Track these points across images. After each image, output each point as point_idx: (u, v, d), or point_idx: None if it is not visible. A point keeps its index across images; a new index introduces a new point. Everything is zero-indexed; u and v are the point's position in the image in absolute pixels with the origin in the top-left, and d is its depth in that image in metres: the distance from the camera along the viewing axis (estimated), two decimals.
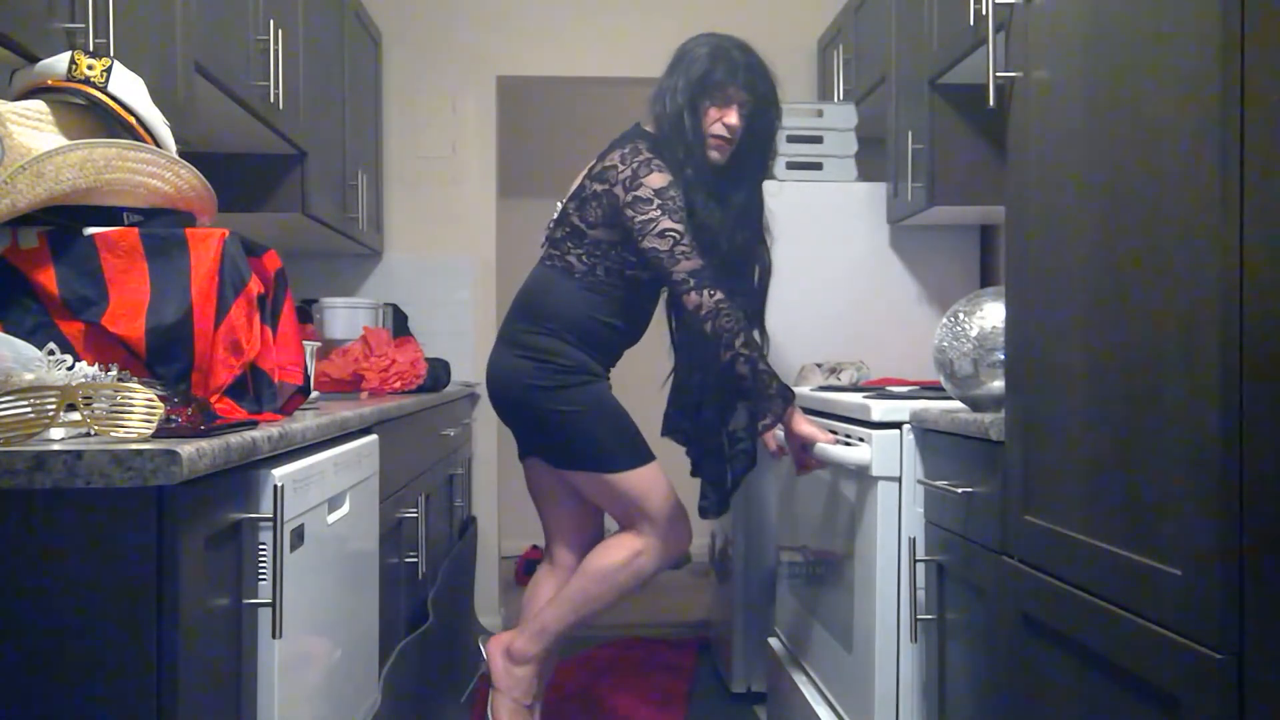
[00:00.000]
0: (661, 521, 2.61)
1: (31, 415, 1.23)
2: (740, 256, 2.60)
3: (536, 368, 2.56)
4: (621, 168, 2.51)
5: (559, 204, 2.68)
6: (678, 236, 2.43)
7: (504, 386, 2.63)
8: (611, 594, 2.65)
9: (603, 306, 2.58)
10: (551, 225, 2.67)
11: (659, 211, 2.45)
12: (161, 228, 1.57)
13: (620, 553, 2.64)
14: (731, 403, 2.59)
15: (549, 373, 2.55)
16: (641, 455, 2.60)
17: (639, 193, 2.47)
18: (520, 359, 2.58)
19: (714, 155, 2.56)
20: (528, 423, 2.64)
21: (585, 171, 2.63)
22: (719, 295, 2.40)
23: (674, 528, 2.62)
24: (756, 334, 2.68)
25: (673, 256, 2.43)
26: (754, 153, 2.63)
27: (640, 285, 2.60)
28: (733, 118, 2.54)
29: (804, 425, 2.45)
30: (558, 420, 2.57)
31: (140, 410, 1.27)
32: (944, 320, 2.07)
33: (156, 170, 1.59)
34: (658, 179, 2.47)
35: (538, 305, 2.62)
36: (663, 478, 2.62)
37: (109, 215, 1.57)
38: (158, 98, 1.69)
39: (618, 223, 2.51)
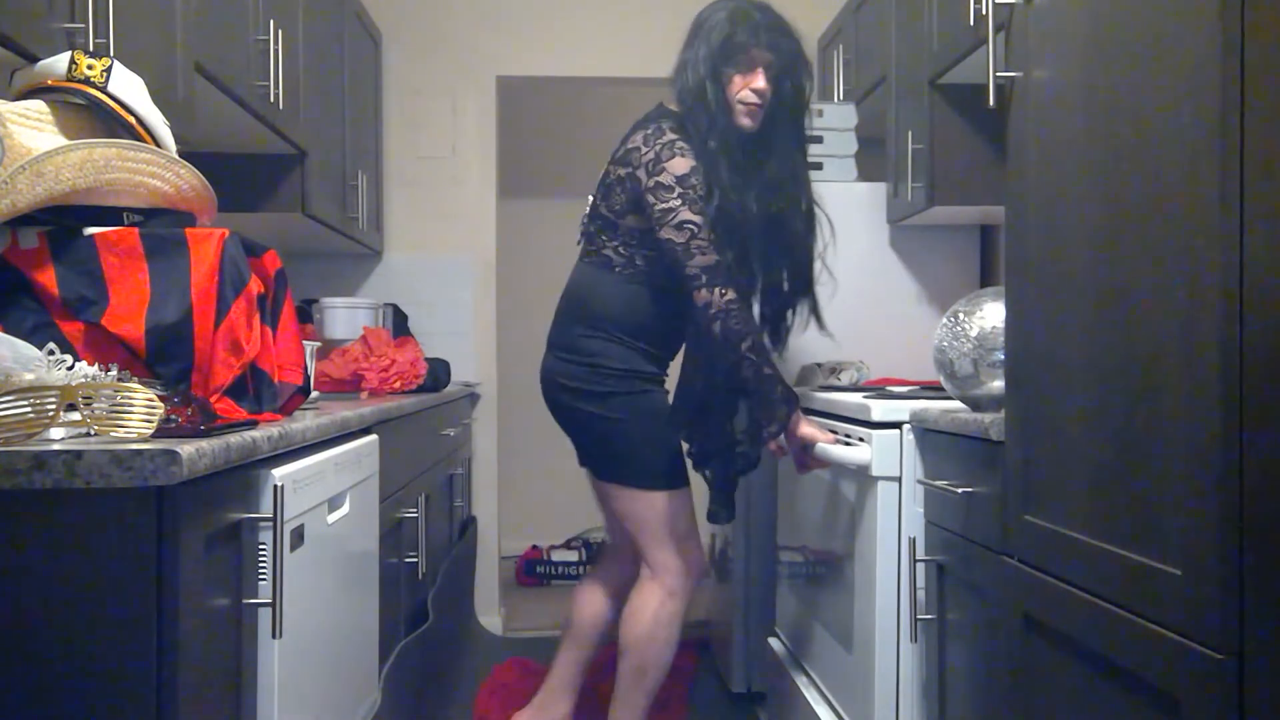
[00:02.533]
0: (668, 549, 2.55)
1: (31, 415, 1.23)
2: (776, 227, 2.51)
3: (575, 370, 2.53)
4: (644, 150, 2.43)
5: (590, 197, 2.63)
6: (695, 229, 2.37)
7: (547, 390, 2.61)
8: (663, 650, 2.58)
9: (649, 297, 2.52)
10: (585, 220, 2.62)
11: (679, 201, 2.38)
12: (161, 228, 1.57)
13: (646, 609, 2.58)
14: (735, 404, 2.57)
15: (598, 377, 2.51)
16: (668, 480, 2.54)
17: (661, 179, 2.40)
18: (561, 361, 2.57)
19: (745, 122, 2.48)
20: (569, 427, 2.62)
21: (610, 158, 2.57)
22: (730, 295, 2.35)
23: (681, 557, 2.56)
24: (794, 313, 2.60)
25: (688, 250, 2.36)
26: (785, 116, 2.53)
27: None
28: (759, 81, 2.46)
29: (805, 427, 2.43)
30: (596, 425, 2.54)
31: (140, 410, 1.27)
32: (944, 320, 2.07)
33: (156, 170, 1.59)
34: (681, 164, 2.40)
35: (584, 306, 2.55)
36: (686, 507, 2.57)
37: (109, 215, 1.57)
38: (158, 98, 1.69)
39: (643, 207, 2.45)
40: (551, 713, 2.79)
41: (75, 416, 1.27)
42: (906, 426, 2.22)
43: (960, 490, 1.94)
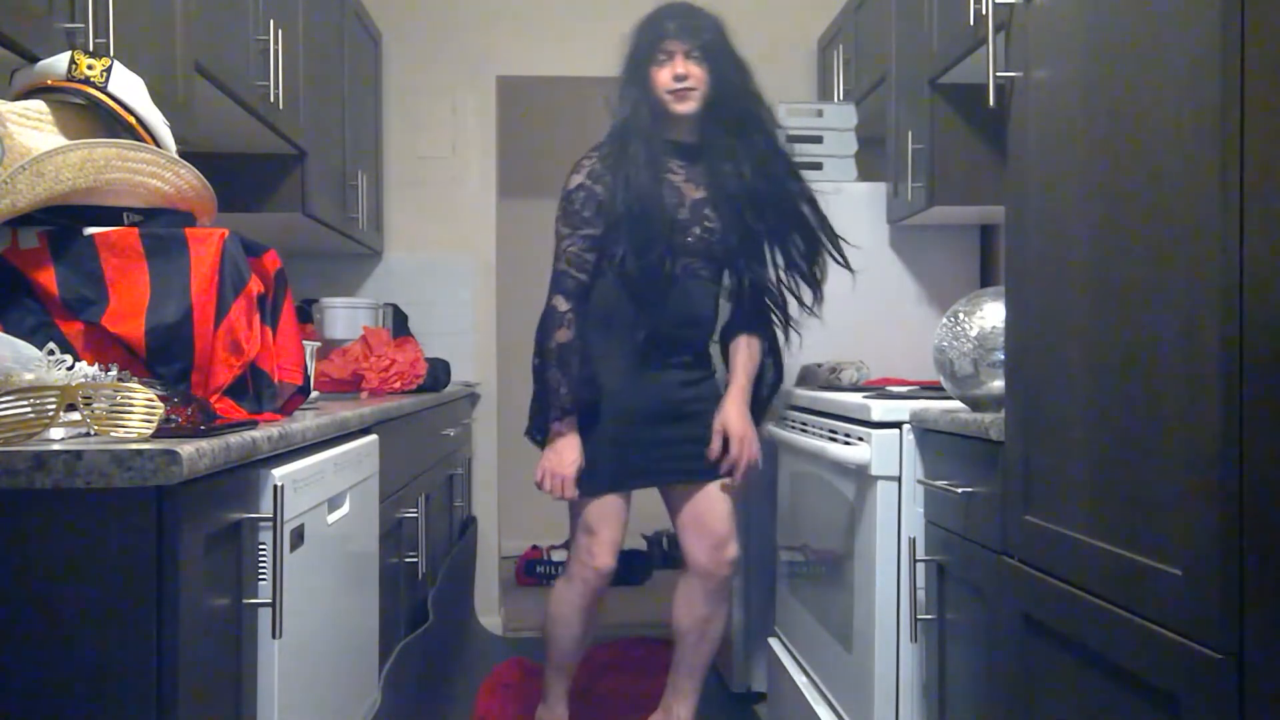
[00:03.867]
0: (575, 533, 2.72)
1: (31, 415, 1.23)
2: (741, 202, 2.65)
3: None
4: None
5: None
6: (558, 238, 2.63)
7: None
8: (556, 627, 2.77)
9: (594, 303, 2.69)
10: None
11: (560, 212, 2.64)
12: (161, 228, 1.57)
13: (556, 586, 2.81)
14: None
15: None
16: (584, 485, 2.66)
17: (562, 195, 2.67)
18: None
19: (680, 108, 2.62)
20: None
21: None
22: (552, 301, 2.59)
23: (580, 545, 2.70)
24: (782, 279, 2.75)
25: (555, 256, 2.63)
26: (726, 99, 2.65)
27: (625, 280, 2.63)
28: (680, 66, 2.59)
29: (553, 456, 2.61)
30: None
31: (140, 410, 1.27)
32: (944, 320, 2.07)
33: (156, 170, 1.58)
34: (573, 180, 2.64)
35: None
36: (598, 500, 2.66)
37: (109, 215, 1.57)
38: (158, 98, 1.69)
39: None
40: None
41: (75, 416, 1.27)
42: (906, 426, 2.22)
43: (960, 490, 1.94)
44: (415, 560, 2.77)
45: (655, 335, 2.65)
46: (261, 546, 1.48)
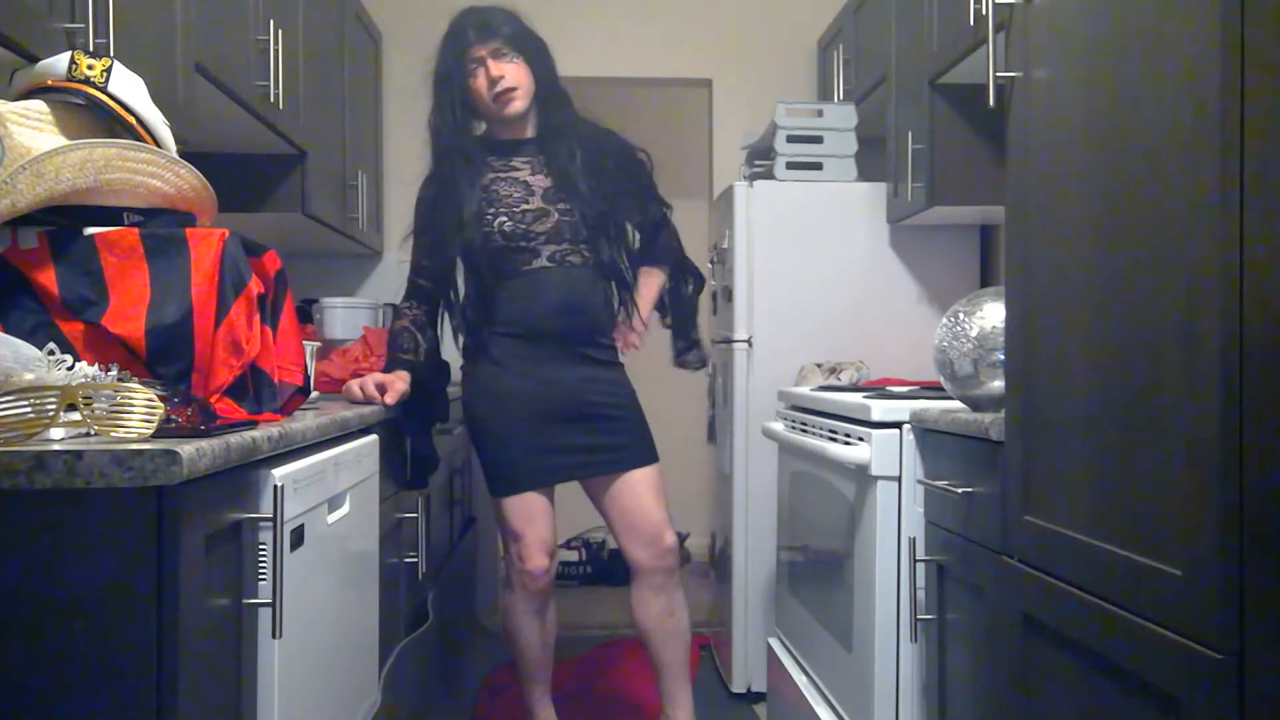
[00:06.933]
0: (504, 541, 2.74)
1: (31, 415, 1.23)
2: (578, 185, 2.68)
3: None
4: None
5: None
6: (411, 243, 2.75)
7: None
8: (512, 639, 2.80)
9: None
10: None
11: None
12: (161, 228, 1.57)
13: None
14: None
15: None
16: (487, 477, 2.75)
17: None
18: None
19: (509, 110, 2.64)
20: None
21: None
22: (401, 300, 2.75)
23: (509, 551, 2.72)
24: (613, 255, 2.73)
25: None
26: (548, 86, 2.71)
27: (477, 276, 2.71)
28: (493, 70, 2.60)
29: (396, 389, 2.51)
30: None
31: (140, 410, 1.27)
32: (944, 320, 2.07)
33: (156, 170, 1.58)
34: (418, 195, 2.75)
35: None
36: (513, 504, 2.68)
37: (109, 215, 1.57)
38: (158, 98, 1.69)
39: None
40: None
41: (75, 416, 1.27)
42: (906, 426, 2.22)
43: (960, 490, 1.94)
44: (415, 560, 2.77)
45: (543, 329, 2.66)
46: (261, 546, 1.47)
